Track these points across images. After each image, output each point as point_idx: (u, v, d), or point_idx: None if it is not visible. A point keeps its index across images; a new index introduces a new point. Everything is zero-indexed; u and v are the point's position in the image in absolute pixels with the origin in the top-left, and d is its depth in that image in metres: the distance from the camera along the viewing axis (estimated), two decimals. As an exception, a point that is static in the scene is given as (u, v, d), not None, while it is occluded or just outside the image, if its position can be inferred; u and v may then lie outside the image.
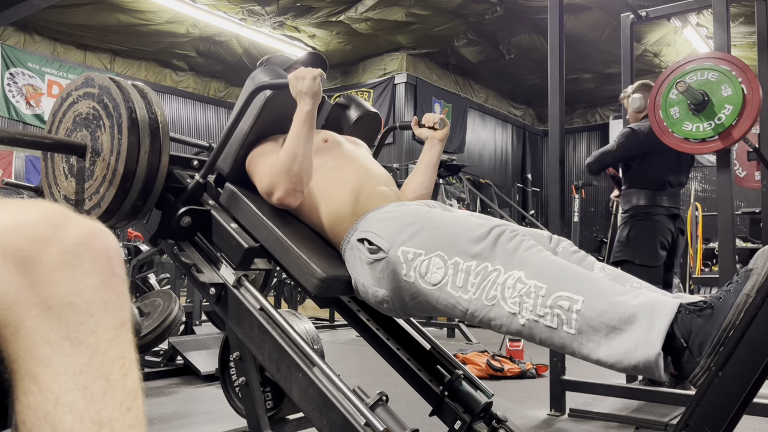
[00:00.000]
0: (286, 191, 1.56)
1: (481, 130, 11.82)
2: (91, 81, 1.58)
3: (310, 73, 1.56)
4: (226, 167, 1.71)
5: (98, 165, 1.53)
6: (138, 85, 1.61)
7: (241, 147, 1.69)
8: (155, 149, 1.54)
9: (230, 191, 1.66)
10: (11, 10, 3.48)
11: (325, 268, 1.48)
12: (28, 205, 0.44)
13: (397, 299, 1.44)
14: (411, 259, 1.38)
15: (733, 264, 2.84)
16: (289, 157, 1.55)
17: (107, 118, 1.52)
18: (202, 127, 11.25)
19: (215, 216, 1.60)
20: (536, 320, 1.21)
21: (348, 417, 1.30)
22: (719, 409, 1.06)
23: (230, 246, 1.55)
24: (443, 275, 1.34)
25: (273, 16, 8.43)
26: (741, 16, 7.35)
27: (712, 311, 1.09)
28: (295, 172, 1.55)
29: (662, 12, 3.82)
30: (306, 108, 1.57)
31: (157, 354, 4.06)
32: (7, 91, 8.74)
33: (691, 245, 7.46)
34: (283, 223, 1.60)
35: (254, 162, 1.68)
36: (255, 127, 1.68)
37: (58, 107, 1.64)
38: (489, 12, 8.27)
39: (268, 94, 1.66)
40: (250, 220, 1.60)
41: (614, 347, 1.13)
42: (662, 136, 2.95)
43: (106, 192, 1.51)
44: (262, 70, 1.74)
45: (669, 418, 2.76)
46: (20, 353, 0.42)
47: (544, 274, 1.23)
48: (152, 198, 1.57)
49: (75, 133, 1.59)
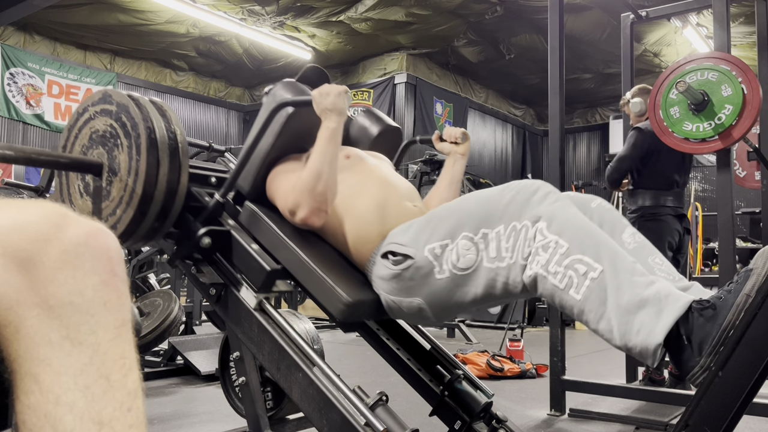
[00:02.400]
0: (310, 210, 1.50)
1: (481, 130, 11.82)
2: (108, 97, 1.54)
3: (335, 89, 1.53)
4: (246, 185, 1.65)
5: (115, 185, 1.49)
6: (157, 102, 1.57)
7: (262, 165, 1.63)
8: (174, 169, 1.50)
9: (250, 210, 1.61)
10: (11, 10, 3.48)
11: (350, 292, 1.41)
12: (29, 205, 0.44)
13: (434, 303, 1.39)
14: (440, 254, 1.35)
15: (733, 264, 2.84)
16: (314, 175, 1.48)
17: (125, 137, 1.48)
18: (202, 127, 11.25)
19: (236, 237, 1.55)
20: (544, 276, 1.20)
21: (348, 417, 1.30)
22: (719, 409, 1.06)
23: (252, 268, 1.50)
24: (476, 254, 1.30)
25: (273, 16, 8.43)
26: (741, 16, 7.35)
27: (714, 311, 1.09)
28: (319, 191, 1.48)
29: (662, 12, 3.82)
30: (332, 125, 1.52)
31: (157, 354, 4.06)
32: (7, 91, 8.74)
33: (691, 245, 7.46)
34: (306, 243, 1.54)
35: (276, 181, 1.62)
36: (276, 144, 1.64)
37: (73, 122, 1.59)
38: (489, 12, 8.27)
39: (289, 110, 1.61)
40: (271, 240, 1.54)
41: (616, 325, 1.13)
42: (662, 136, 2.95)
43: (123, 214, 1.46)
44: (282, 86, 1.70)
45: (669, 418, 2.76)
46: (21, 353, 0.42)
47: (568, 232, 1.20)
48: (170, 219, 1.52)
49: (91, 150, 1.55)
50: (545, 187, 1.31)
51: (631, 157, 3.38)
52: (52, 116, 9.21)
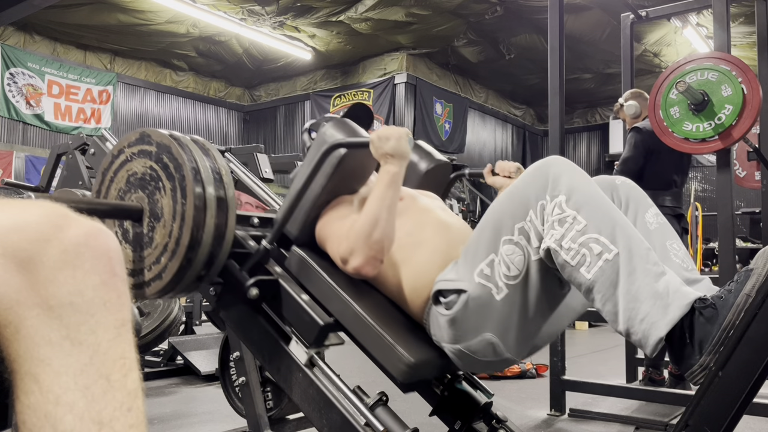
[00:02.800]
0: (365, 259, 1.38)
1: (481, 130, 11.82)
2: (147, 138, 1.44)
3: (395, 133, 1.42)
4: (294, 230, 1.56)
5: (158, 231, 1.39)
6: (198, 140, 1.48)
7: (312, 208, 1.54)
8: (222, 213, 1.39)
9: (299, 257, 1.51)
10: (11, 10, 3.48)
11: (413, 351, 1.31)
12: (29, 206, 0.44)
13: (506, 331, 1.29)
14: (491, 274, 1.26)
15: (733, 264, 2.84)
16: (371, 221, 1.37)
17: (168, 179, 1.38)
18: (202, 127, 11.26)
19: (285, 287, 1.45)
20: (557, 250, 1.18)
21: (348, 417, 1.30)
22: (719, 409, 1.07)
23: (302, 321, 1.41)
24: (522, 253, 1.24)
25: (273, 16, 8.43)
26: (741, 16, 7.35)
27: (714, 311, 1.09)
28: (376, 239, 1.37)
29: (662, 12, 3.82)
30: (393, 169, 1.41)
31: (157, 354, 4.06)
32: (7, 91, 8.74)
33: (691, 245, 7.46)
34: (360, 294, 1.43)
35: (327, 226, 1.52)
36: (327, 187, 1.53)
37: (108, 165, 1.50)
38: (489, 12, 8.27)
39: (342, 152, 1.50)
40: (322, 290, 1.45)
41: (621, 310, 1.13)
42: (662, 136, 2.95)
43: (169, 263, 1.36)
44: (333, 126, 1.59)
45: (669, 418, 2.76)
46: (21, 353, 0.42)
47: (587, 209, 1.18)
48: (216, 266, 1.42)
49: (129, 194, 1.45)
50: (563, 161, 1.27)
51: (634, 158, 3.40)
52: (52, 116, 9.21)
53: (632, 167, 3.42)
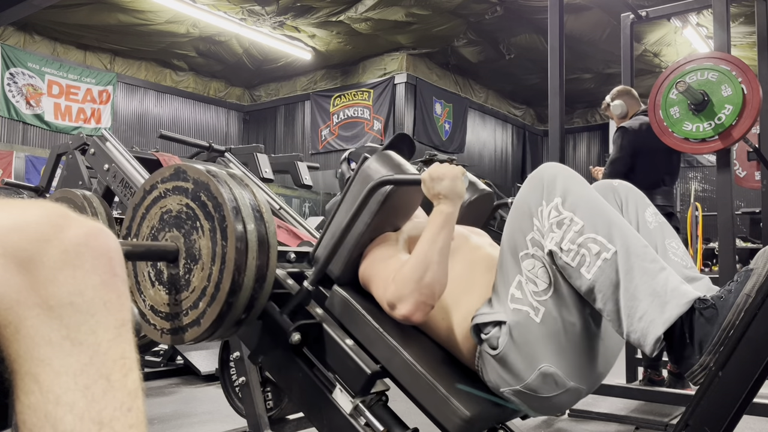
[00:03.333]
0: (415, 305, 1.28)
1: (481, 130, 11.82)
2: (183, 174, 1.35)
3: (450, 173, 1.35)
4: (336, 269, 1.48)
5: (196, 274, 1.30)
6: (236, 175, 1.39)
7: (356, 247, 1.47)
8: (263, 254, 1.31)
9: (341, 298, 1.44)
10: (11, 10, 3.48)
11: (468, 404, 1.25)
12: (29, 205, 0.44)
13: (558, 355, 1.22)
14: (522, 296, 1.22)
15: (733, 264, 2.84)
16: (422, 264, 1.29)
17: (206, 219, 1.30)
18: (202, 127, 11.26)
19: (328, 331, 1.38)
20: (557, 253, 1.19)
21: (348, 417, 1.30)
22: (719, 409, 1.07)
23: (347, 368, 1.33)
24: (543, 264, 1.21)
25: (273, 16, 8.43)
26: (741, 16, 7.35)
27: (715, 311, 1.09)
28: (426, 283, 1.28)
29: (662, 12, 3.82)
30: (447, 210, 1.34)
31: (157, 354, 4.06)
32: (7, 91, 8.74)
33: (691, 245, 7.46)
34: (408, 339, 1.36)
35: (372, 266, 1.44)
36: (371, 225, 1.46)
37: (139, 201, 1.42)
38: (489, 12, 8.27)
39: (389, 188, 1.43)
40: (366, 334, 1.37)
41: (619, 310, 1.14)
42: (662, 136, 2.95)
43: (208, 308, 1.28)
44: (377, 160, 1.53)
45: (669, 418, 2.76)
46: (21, 353, 0.42)
47: (584, 210, 1.19)
48: (256, 310, 1.34)
49: (162, 233, 1.37)
50: (556, 166, 1.28)
51: (622, 159, 3.40)
52: (52, 116, 9.21)
53: (620, 168, 3.42)
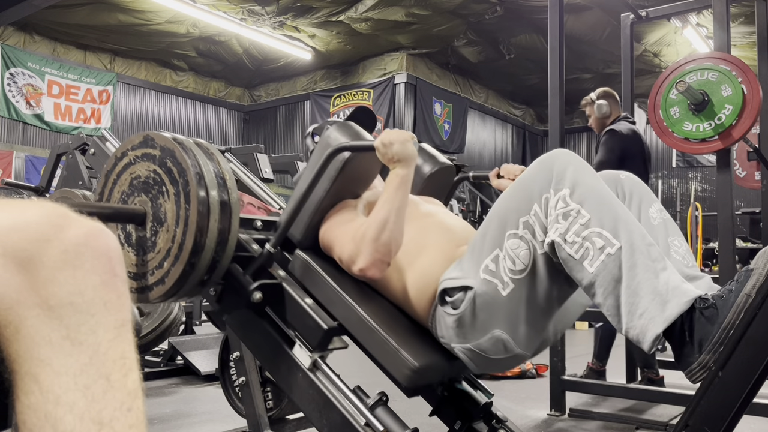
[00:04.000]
0: (371, 261, 1.37)
1: (481, 130, 11.82)
2: (151, 141, 1.43)
3: (398, 138, 1.41)
4: (297, 233, 1.55)
5: (161, 236, 1.38)
6: (202, 144, 1.47)
7: (316, 212, 1.53)
8: (225, 218, 1.38)
9: (302, 260, 1.51)
10: (11, 10, 3.48)
11: (417, 356, 1.31)
12: (29, 205, 0.44)
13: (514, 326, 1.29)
14: (496, 269, 1.26)
15: (733, 264, 2.84)
16: (379, 224, 1.37)
17: (171, 184, 1.38)
18: (202, 127, 11.26)
19: (288, 291, 1.45)
20: (560, 244, 1.18)
21: (348, 417, 1.30)
22: (719, 409, 1.07)
23: (306, 326, 1.40)
24: (527, 247, 1.23)
25: (273, 16, 8.43)
26: (741, 16, 7.35)
27: (715, 310, 1.09)
28: (383, 241, 1.36)
29: (662, 12, 3.83)
30: (402, 172, 1.42)
31: (157, 354, 4.06)
32: (7, 91, 8.74)
33: (691, 245, 7.46)
34: (364, 298, 1.43)
35: (332, 229, 1.51)
36: (331, 190, 1.53)
37: (111, 167, 1.50)
38: (489, 12, 8.27)
39: (346, 155, 1.51)
40: (326, 294, 1.44)
41: (620, 306, 1.14)
42: (662, 136, 2.95)
43: (172, 267, 1.36)
44: (337, 129, 1.59)
45: (669, 418, 2.76)
46: (21, 353, 0.42)
47: (591, 203, 1.18)
48: (219, 271, 1.42)
49: (132, 197, 1.45)
50: (567, 154, 1.27)
51: (610, 161, 3.37)
52: (52, 116, 9.21)
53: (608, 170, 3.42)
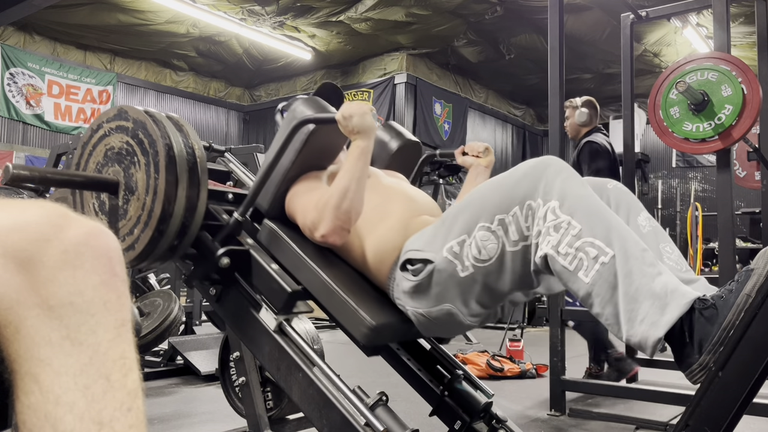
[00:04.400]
0: (332, 228, 1.46)
1: (481, 130, 11.82)
2: (125, 114, 1.51)
3: (358, 110, 1.49)
4: (265, 203, 1.63)
5: (132, 204, 1.45)
6: (173, 117, 1.54)
7: (282, 182, 1.61)
8: (194, 187, 1.46)
9: (269, 229, 1.59)
10: (11, 10, 3.48)
11: (374, 315, 1.39)
12: (29, 206, 0.44)
13: (464, 305, 1.36)
14: (459, 252, 1.31)
15: (733, 264, 2.84)
16: (340, 192, 1.45)
17: (142, 154, 1.45)
18: (202, 127, 11.25)
19: (255, 257, 1.51)
20: (554, 256, 1.19)
21: (348, 417, 1.30)
22: (719, 409, 1.06)
23: (272, 289, 1.47)
24: (497, 242, 1.27)
25: (273, 16, 8.43)
26: (741, 16, 7.35)
27: (715, 311, 1.09)
28: (344, 209, 1.45)
29: (662, 12, 3.82)
30: (362, 144, 1.49)
31: (157, 354, 4.06)
32: (7, 91, 8.74)
33: (691, 245, 7.46)
34: (327, 264, 1.51)
35: (296, 198, 1.60)
36: (297, 162, 1.61)
37: (87, 139, 1.56)
38: (489, 12, 8.26)
39: (310, 128, 1.58)
40: (291, 260, 1.52)
41: (619, 314, 1.13)
42: (662, 136, 2.95)
43: (141, 234, 1.43)
44: (302, 103, 1.67)
45: (669, 418, 2.76)
46: (21, 353, 0.42)
47: (581, 214, 1.19)
48: (189, 238, 1.49)
49: (106, 168, 1.51)
50: (558, 163, 1.28)
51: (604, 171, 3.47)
52: (52, 116, 9.21)
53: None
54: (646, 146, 11.41)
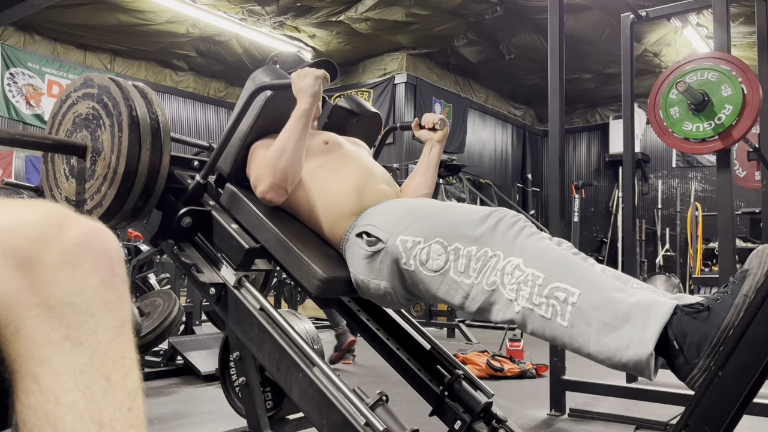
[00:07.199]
0: (269, 185, 1.56)
1: (481, 130, 11.82)
2: (90, 81, 1.58)
3: (312, 72, 1.57)
4: (226, 167, 1.71)
5: (99, 164, 1.52)
6: (138, 85, 1.61)
7: (241, 147, 1.69)
8: (156, 149, 1.53)
9: (230, 191, 1.67)
10: (11, 10, 3.48)
11: (325, 269, 1.48)
12: (29, 205, 0.44)
13: (398, 289, 1.45)
14: (410, 248, 1.38)
15: (733, 264, 2.84)
16: (278, 151, 1.55)
17: (107, 117, 1.52)
18: (202, 127, 11.25)
19: (216, 216, 1.60)
20: (531, 309, 1.20)
21: (348, 417, 1.30)
22: (719, 409, 1.06)
23: (231, 247, 1.55)
24: (445, 261, 1.34)
25: (273, 16, 8.43)
26: (741, 16, 7.34)
27: (709, 313, 1.09)
28: (281, 168, 1.55)
29: (662, 12, 3.82)
30: (303, 106, 1.58)
31: (157, 354, 4.06)
32: (7, 91, 8.74)
33: (691, 245, 7.46)
34: (284, 223, 1.60)
35: (251, 161, 1.68)
36: (255, 127, 1.70)
37: (57, 109, 1.64)
38: (489, 12, 8.26)
39: (268, 94, 1.67)
40: (250, 220, 1.60)
41: (606, 344, 1.12)
42: (662, 136, 2.95)
43: (108, 191, 1.50)
44: (263, 71, 1.76)
45: (669, 418, 2.76)
46: (21, 353, 0.42)
47: (543, 263, 1.23)
48: (153, 198, 1.56)
49: (75, 134, 1.58)
50: (522, 221, 1.36)
51: None
52: (52, 116, 9.21)
53: None
54: (646, 146, 11.41)
